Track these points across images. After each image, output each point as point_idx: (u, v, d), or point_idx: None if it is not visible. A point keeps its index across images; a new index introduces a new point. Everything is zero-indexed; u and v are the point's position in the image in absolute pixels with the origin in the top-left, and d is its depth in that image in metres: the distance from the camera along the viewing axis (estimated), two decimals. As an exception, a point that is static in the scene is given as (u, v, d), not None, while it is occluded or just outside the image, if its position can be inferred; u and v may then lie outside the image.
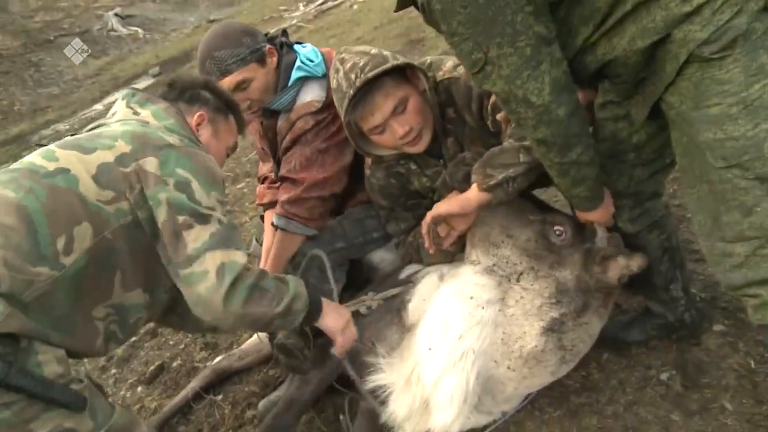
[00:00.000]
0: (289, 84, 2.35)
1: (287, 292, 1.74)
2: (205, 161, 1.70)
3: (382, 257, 2.51)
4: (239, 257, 1.63)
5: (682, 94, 1.49)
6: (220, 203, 1.69)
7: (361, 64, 2.00)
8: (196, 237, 1.58)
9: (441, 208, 2.05)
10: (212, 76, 2.23)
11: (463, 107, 2.14)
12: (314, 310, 1.87)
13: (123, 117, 1.78)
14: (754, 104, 1.40)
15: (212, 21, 19.12)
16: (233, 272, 1.59)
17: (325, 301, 1.93)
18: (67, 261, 1.50)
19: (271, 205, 2.68)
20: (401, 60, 2.05)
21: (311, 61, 2.38)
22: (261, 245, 2.69)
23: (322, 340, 2.20)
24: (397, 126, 2.05)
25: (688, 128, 1.51)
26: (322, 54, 2.46)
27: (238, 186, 5.22)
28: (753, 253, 1.50)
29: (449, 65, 2.19)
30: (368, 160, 2.32)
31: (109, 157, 1.59)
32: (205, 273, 1.57)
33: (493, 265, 2.01)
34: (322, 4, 13.80)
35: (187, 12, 22.11)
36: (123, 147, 1.62)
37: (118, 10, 20.28)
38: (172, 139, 1.69)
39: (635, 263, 1.94)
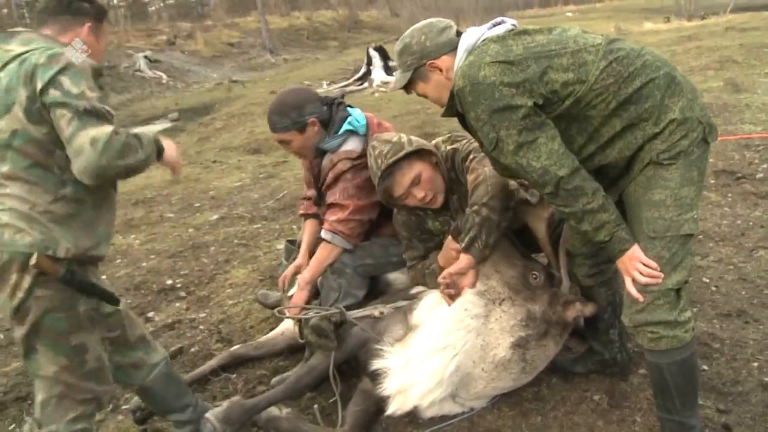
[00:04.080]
0: (340, 132, 3.09)
1: (143, 144, 2.10)
2: (68, 60, 2.04)
3: (396, 277, 3.20)
4: (106, 128, 1.96)
5: (638, 185, 2.17)
6: (90, 89, 2.03)
7: (384, 151, 2.77)
8: (68, 122, 1.96)
9: (450, 269, 2.61)
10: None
11: (460, 171, 2.88)
12: (161, 150, 2.27)
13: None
14: (681, 200, 2.09)
15: (234, 81, 20.16)
16: (103, 140, 1.94)
17: (163, 142, 2.31)
18: None
19: (310, 216, 3.44)
20: (414, 146, 2.78)
21: (358, 121, 3.14)
22: (289, 264, 3.39)
23: (340, 330, 2.83)
24: (416, 192, 2.80)
25: (637, 209, 2.17)
26: (366, 117, 3.22)
27: (255, 226, 5.93)
28: (652, 303, 2.11)
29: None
30: None
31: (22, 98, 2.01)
32: (81, 148, 1.94)
33: (484, 290, 2.68)
34: (346, 86, 14.81)
35: (211, 68, 23.24)
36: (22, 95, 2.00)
37: (148, 53, 21.41)
38: (35, 58, 2.02)
39: (588, 309, 2.63)
